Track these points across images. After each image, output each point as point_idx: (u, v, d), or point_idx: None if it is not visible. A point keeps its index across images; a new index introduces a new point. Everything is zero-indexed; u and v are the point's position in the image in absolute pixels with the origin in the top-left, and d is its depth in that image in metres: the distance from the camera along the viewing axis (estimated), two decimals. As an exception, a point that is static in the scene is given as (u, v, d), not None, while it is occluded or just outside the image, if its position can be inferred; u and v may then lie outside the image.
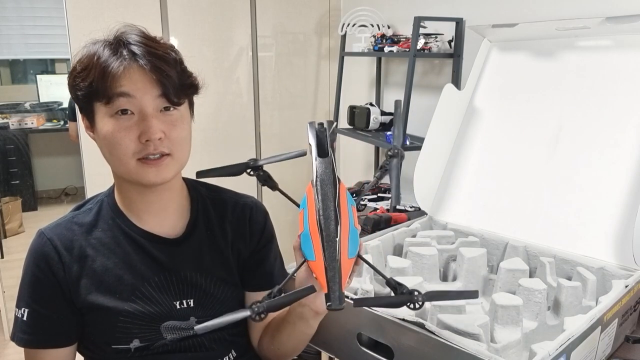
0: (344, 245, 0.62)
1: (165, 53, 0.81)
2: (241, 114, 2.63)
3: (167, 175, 0.82)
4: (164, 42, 0.84)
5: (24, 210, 4.19)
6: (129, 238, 0.87)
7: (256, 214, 0.97)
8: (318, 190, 0.66)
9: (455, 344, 0.74)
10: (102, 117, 0.80)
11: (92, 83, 0.78)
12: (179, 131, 0.82)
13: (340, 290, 0.59)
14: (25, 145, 4.44)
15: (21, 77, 4.81)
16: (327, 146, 0.72)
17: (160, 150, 0.80)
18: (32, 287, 0.85)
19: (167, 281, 0.87)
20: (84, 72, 0.79)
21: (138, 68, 0.78)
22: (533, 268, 1.12)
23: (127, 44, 0.79)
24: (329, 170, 0.69)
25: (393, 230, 1.26)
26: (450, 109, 1.36)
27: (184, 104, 0.84)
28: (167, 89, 0.79)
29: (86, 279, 0.84)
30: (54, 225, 0.87)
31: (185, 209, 0.93)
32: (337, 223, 0.63)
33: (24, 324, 0.84)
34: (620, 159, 1.09)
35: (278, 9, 2.63)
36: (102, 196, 0.91)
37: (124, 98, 0.77)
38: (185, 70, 0.84)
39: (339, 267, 0.61)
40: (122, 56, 0.78)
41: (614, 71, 1.15)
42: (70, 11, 2.14)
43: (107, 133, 0.79)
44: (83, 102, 0.81)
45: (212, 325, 0.62)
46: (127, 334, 0.84)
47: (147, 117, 0.78)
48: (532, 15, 1.63)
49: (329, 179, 0.68)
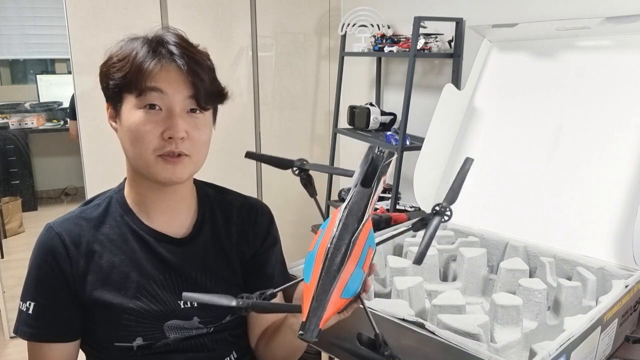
0: (341, 283, 0.59)
1: (202, 59, 0.84)
2: (241, 114, 2.63)
3: (183, 175, 0.84)
4: (201, 48, 0.87)
5: (24, 210, 4.18)
6: (137, 235, 0.88)
7: (261, 217, 0.98)
8: (342, 219, 0.63)
9: (455, 344, 0.74)
10: (130, 108, 0.81)
11: (127, 75, 0.79)
12: (201, 134, 0.84)
13: (318, 324, 0.56)
14: (25, 145, 4.43)
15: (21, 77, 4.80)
16: (375, 178, 0.68)
17: (180, 150, 0.81)
18: (38, 281, 0.85)
19: (173, 280, 0.87)
20: (120, 63, 0.81)
21: (175, 67, 0.80)
22: (533, 268, 1.12)
23: (166, 43, 0.81)
24: (362, 203, 0.65)
25: (393, 230, 1.26)
26: (450, 109, 1.36)
27: (210, 110, 0.86)
28: (199, 92, 0.81)
29: (92, 274, 0.85)
30: (62, 219, 0.88)
31: (193, 210, 0.93)
32: (345, 258, 0.60)
33: (29, 317, 0.84)
34: (620, 159, 1.09)
35: (278, 9, 2.63)
36: (112, 192, 0.92)
37: (156, 93, 0.79)
38: (216, 79, 0.87)
39: (327, 301, 0.58)
40: (160, 54, 0.80)
41: (614, 71, 1.15)
42: (70, 11, 2.14)
43: (132, 124, 0.80)
44: (113, 91, 0.83)
45: (198, 299, 0.64)
46: (131, 332, 0.84)
47: (174, 115, 0.80)
48: (532, 15, 1.63)
49: (358, 211, 0.64)
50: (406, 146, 1.95)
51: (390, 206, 1.95)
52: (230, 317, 0.92)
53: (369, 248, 0.64)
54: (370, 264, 0.66)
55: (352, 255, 0.61)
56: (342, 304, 0.60)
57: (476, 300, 1.10)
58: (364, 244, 0.62)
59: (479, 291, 1.12)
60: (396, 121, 2.28)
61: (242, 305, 0.61)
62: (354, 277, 0.61)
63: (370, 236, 0.64)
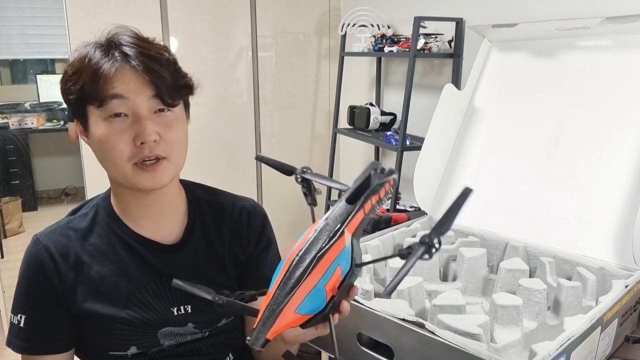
0: (296, 297, 0.57)
1: (158, 53, 0.79)
2: (241, 114, 2.63)
3: (164, 180, 0.81)
4: (157, 42, 0.83)
5: (24, 210, 4.18)
6: (125, 244, 0.86)
7: (254, 218, 0.95)
8: (315, 231, 0.61)
9: (455, 344, 0.74)
10: (96, 120, 0.78)
11: (84, 86, 0.76)
12: (174, 133, 0.80)
13: (265, 333, 0.56)
14: (25, 145, 4.43)
15: (21, 77, 4.80)
16: (362, 197, 0.64)
17: (155, 153, 0.78)
18: (28, 294, 0.84)
19: (164, 287, 0.86)
20: (75, 75, 0.77)
21: (130, 69, 0.76)
22: (533, 268, 1.12)
23: (118, 45, 0.78)
24: (340, 219, 0.62)
25: (393, 230, 1.26)
26: (450, 109, 1.36)
27: (178, 105, 0.82)
28: (161, 90, 0.77)
29: (82, 286, 0.83)
30: (49, 230, 0.86)
31: (183, 213, 0.91)
32: (305, 273, 0.58)
33: (20, 330, 0.83)
34: (620, 158, 1.09)
35: (278, 9, 2.63)
36: (98, 200, 0.90)
37: (117, 100, 0.76)
38: (179, 70, 0.82)
39: (278, 314, 0.57)
40: (113, 57, 0.76)
41: (614, 71, 1.15)
42: (70, 11, 2.14)
43: (100, 137, 0.77)
44: (76, 106, 0.79)
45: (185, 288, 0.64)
46: (124, 341, 0.83)
47: (141, 119, 0.77)
48: (532, 15, 1.63)
49: (332, 228, 0.61)
50: (406, 146, 1.95)
51: (390, 206, 1.95)
52: (225, 320, 0.90)
53: (338, 266, 0.60)
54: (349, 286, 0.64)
55: (315, 271, 0.58)
56: (296, 318, 0.58)
57: (476, 300, 1.10)
58: (331, 262, 0.59)
59: (479, 291, 1.12)
60: (396, 121, 2.28)
61: (217, 301, 0.62)
62: (312, 293, 0.58)
63: (342, 255, 0.61)
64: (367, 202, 0.64)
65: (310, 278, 0.58)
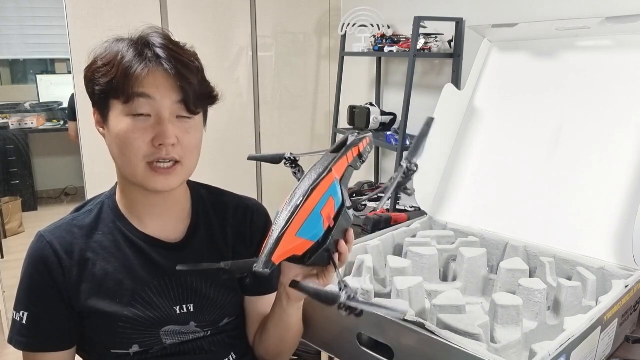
0: (297, 221, 0.63)
1: (190, 60, 0.81)
2: (241, 114, 2.63)
3: (175, 183, 0.82)
4: (188, 48, 0.84)
5: (24, 210, 4.19)
6: (130, 242, 0.86)
7: (257, 218, 0.97)
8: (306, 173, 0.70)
9: (455, 344, 0.74)
10: (118, 114, 0.79)
11: (113, 80, 0.77)
12: (191, 139, 0.82)
13: (270, 256, 0.60)
14: (25, 145, 4.44)
15: (21, 77, 4.80)
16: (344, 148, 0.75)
17: (171, 156, 0.79)
18: (31, 291, 0.84)
19: (167, 286, 0.86)
20: (105, 67, 0.78)
21: (162, 72, 0.78)
22: (533, 268, 1.12)
23: (152, 46, 0.79)
24: (327, 161, 0.71)
25: (393, 230, 1.26)
26: (450, 109, 1.36)
27: (200, 113, 0.84)
28: (188, 96, 0.79)
29: (86, 283, 0.83)
30: (53, 227, 0.86)
31: (187, 212, 0.92)
32: (303, 199, 0.64)
33: (22, 327, 0.83)
34: (620, 158, 1.09)
35: (278, 9, 2.63)
36: (104, 197, 0.91)
37: (144, 99, 0.77)
38: (205, 79, 0.85)
39: (281, 236, 0.62)
40: (146, 58, 0.78)
41: (614, 71, 1.15)
42: (70, 11, 2.14)
43: (120, 132, 0.78)
44: (99, 97, 0.80)
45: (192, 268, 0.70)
46: (127, 339, 0.83)
47: (163, 121, 0.78)
48: (532, 15, 1.63)
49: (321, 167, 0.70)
50: (406, 146, 1.95)
51: (390, 206, 1.95)
52: (227, 319, 0.91)
53: (330, 197, 0.68)
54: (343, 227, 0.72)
55: (310, 199, 0.65)
56: (299, 243, 0.64)
57: (476, 300, 1.10)
58: (324, 192, 0.67)
59: (479, 291, 1.12)
60: (396, 121, 2.28)
61: (223, 267, 0.66)
62: (311, 218, 0.64)
63: (332, 188, 0.69)
64: (349, 152, 0.75)
65: (307, 204, 0.64)
